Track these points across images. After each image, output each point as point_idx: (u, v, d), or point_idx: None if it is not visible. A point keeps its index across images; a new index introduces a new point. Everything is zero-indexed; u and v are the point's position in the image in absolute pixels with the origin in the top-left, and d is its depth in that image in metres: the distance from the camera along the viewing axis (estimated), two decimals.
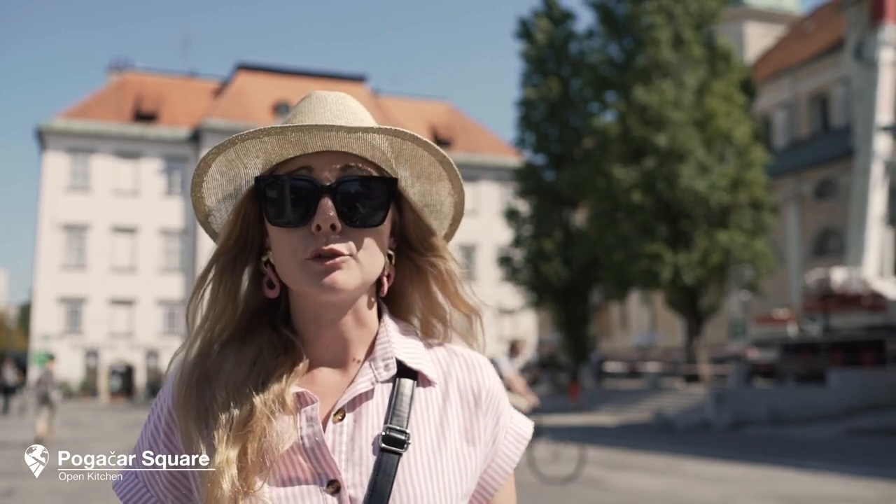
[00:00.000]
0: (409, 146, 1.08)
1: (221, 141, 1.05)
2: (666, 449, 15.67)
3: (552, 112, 36.28)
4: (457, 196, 1.15)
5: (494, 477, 1.11)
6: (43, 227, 45.53)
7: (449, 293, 1.13)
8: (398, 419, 1.03)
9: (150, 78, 52.71)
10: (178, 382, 1.04)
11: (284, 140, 1.03)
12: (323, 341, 1.07)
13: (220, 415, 1.00)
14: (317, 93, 1.11)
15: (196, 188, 1.10)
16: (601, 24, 32.39)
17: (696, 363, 30.75)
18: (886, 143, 28.82)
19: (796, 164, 42.17)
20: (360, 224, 1.03)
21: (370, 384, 1.04)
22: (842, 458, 13.75)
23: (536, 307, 39.19)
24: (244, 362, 1.04)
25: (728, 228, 28.89)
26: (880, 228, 28.60)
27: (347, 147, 1.05)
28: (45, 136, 46.32)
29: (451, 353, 1.14)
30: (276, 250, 1.05)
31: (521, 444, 1.13)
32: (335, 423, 1.01)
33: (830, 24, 45.42)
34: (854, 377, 24.23)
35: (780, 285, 39.32)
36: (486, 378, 1.12)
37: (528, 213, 37.42)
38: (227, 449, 0.96)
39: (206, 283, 1.07)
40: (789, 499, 9.49)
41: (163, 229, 47.46)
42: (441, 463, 1.03)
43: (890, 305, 26.35)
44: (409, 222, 1.12)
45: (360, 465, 0.99)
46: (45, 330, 44.27)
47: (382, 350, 1.08)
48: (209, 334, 1.07)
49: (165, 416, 1.05)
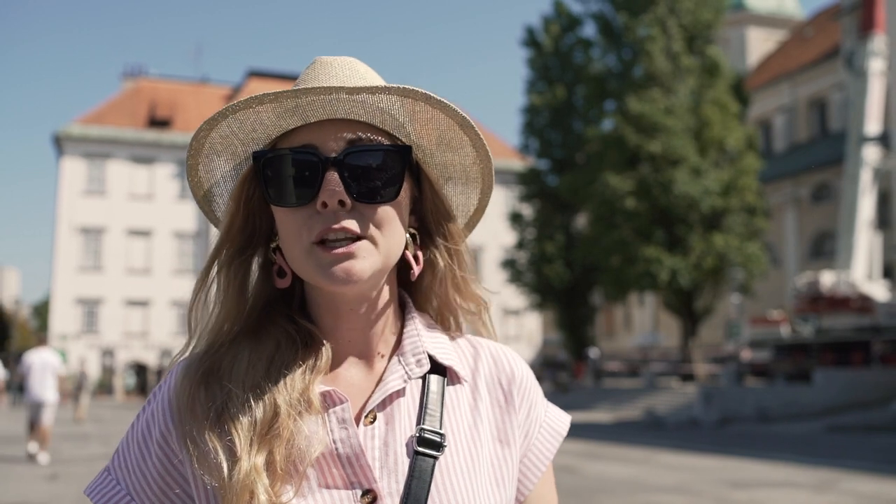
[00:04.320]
0: (423, 108, 0.96)
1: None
2: (648, 443, 16.71)
3: (555, 118, 37.35)
4: (483, 164, 1.03)
5: (527, 475, 1.02)
6: (61, 230, 47.01)
7: (460, 284, 1.04)
8: (431, 419, 0.94)
9: (164, 84, 54.16)
10: (181, 380, 0.94)
11: (281, 109, 0.92)
12: (343, 333, 0.98)
13: (241, 416, 0.89)
14: (322, 58, 1.01)
15: (192, 171, 1.00)
16: (600, 35, 33.54)
17: (692, 363, 31.78)
18: (875, 151, 29.74)
19: (795, 167, 43.04)
20: (372, 199, 0.92)
21: (402, 382, 0.95)
22: (808, 451, 14.77)
23: (539, 308, 40.46)
24: (261, 358, 0.94)
25: (722, 232, 29.87)
26: (869, 233, 29.54)
27: (353, 114, 0.93)
28: (62, 141, 47.81)
29: (475, 345, 1.06)
30: (283, 234, 0.95)
31: (556, 440, 1.05)
32: (367, 426, 0.93)
33: (829, 30, 46.20)
34: (838, 376, 25.20)
35: (777, 287, 40.20)
36: (516, 369, 1.05)
37: (531, 217, 38.58)
38: (254, 455, 0.87)
39: (210, 280, 0.97)
40: (736, 483, 10.60)
41: (176, 232, 48.87)
42: (479, 466, 0.95)
43: (878, 307, 27.31)
44: (428, 201, 1.01)
45: (396, 472, 0.91)
46: (62, 330, 45.68)
47: (412, 344, 0.99)
48: (216, 334, 0.97)
49: (160, 417, 0.95)
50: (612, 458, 13.75)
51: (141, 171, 48.75)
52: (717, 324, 40.02)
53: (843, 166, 32.01)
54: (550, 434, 1.05)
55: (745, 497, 9.59)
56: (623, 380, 38.00)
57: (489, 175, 1.04)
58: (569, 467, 12.01)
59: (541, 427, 1.04)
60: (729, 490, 10.05)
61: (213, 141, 0.97)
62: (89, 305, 47.01)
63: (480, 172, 1.05)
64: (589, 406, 29.87)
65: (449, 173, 1.05)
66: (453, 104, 0.95)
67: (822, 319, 28.63)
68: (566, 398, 32.42)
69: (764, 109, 48.50)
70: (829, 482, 10.66)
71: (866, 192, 29.62)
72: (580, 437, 16.94)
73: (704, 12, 31.18)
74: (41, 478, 10.89)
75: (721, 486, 10.34)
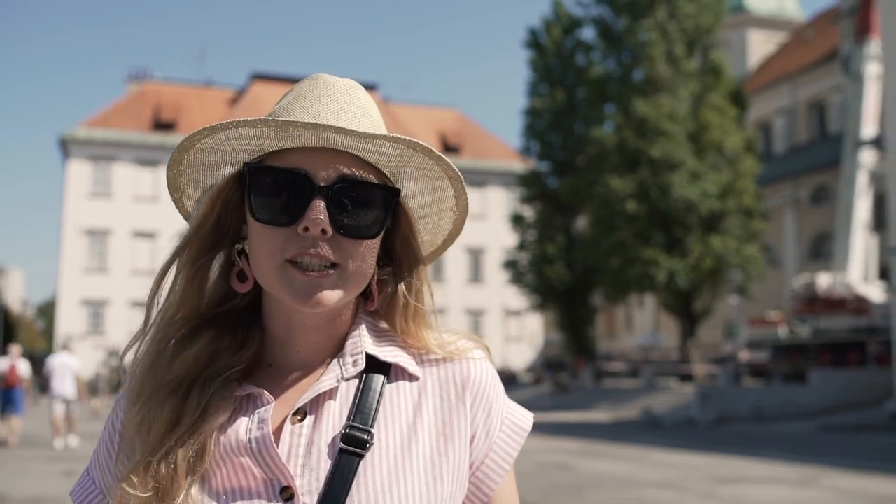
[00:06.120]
0: (420, 157, 0.99)
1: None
2: (644, 442, 17.07)
3: (556, 120, 37.69)
4: (459, 213, 1.06)
5: (489, 474, 1.02)
6: (67, 232, 47.54)
7: (417, 318, 1.03)
8: (362, 417, 0.95)
9: (169, 87, 54.65)
10: (128, 384, 0.99)
11: (283, 131, 0.93)
12: (293, 345, 1.00)
13: (157, 416, 0.93)
14: (325, 77, 1.01)
15: (174, 164, 1.01)
16: (600, 39, 33.91)
17: (691, 363, 32.16)
18: (871, 154, 30.05)
19: (794, 169, 43.34)
20: (354, 234, 0.94)
21: (335, 381, 0.96)
22: (798, 449, 15.16)
23: (541, 309, 40.91)
24: (198, 360, 0.96)
25: (720, 234, 30.21)
26: (865, 234, 29.88)
27: (351, 147, 0.95)
28: (68, 144, 48.32)
29: (439, 346, 1.04)
30: (255, 245, 0.96)
31: (519, 437, 1.04)
32: (293, 425, 0.94)
33: (829, 33, 46.39)
34: (834, 377, 25.57)
35: (776, 288, 40.51)
36: (474, 368, 1.03)
37: (532, 219, 38.99)
38: (152, 453, 0.90)
39: (178, 271, 0.99)
40: (723, 479, 11.03)
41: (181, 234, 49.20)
42: (410, 463, 0.94)
43: (873, 308, 27.65)
44: (399, 238, 1.03)
45: (318, 470, 0.91)
46: (68, 331, 46.18)
47: (352, 345, 1.00)
48: (166, 330, 0.99)
49: (115, 416, 1.01)
50: (607, 456, 14.16)
51: (146, 173, 49.25)
52: (716, 325, 40.35)
53: (840, 169, 32.36)
54: (513, 430, 1.04)
55: (729, 492, 10.00)
56: (623, 380, 38.32)
57: (461, 223, 1.08)
58: (563, 464, 12.43)
59: (502, 424, 1.03)
60: (715, 486, 10.47)
61: (205, 143, 0.98)
62: (95, 306, 47.55)
63: (453, 221, 1.08)
64: (588, 406, 30.20)
65: (424, 212, 1.08)
66: (447, 160, 0.99)
67: (819, 320, 28.98)
68: (566, 398, 32.82)
69: (764, 111, 48.83)
70: (811, 478, 11.09)
71: (862, 194, 29.96)
72: (577, 435, 17.34)
73: (705, 16, 31.47)
74: (57, 474, 11.34)
75: (708, 482, 10.77)
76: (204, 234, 0.99)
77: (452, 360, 1.04)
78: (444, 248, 1.13)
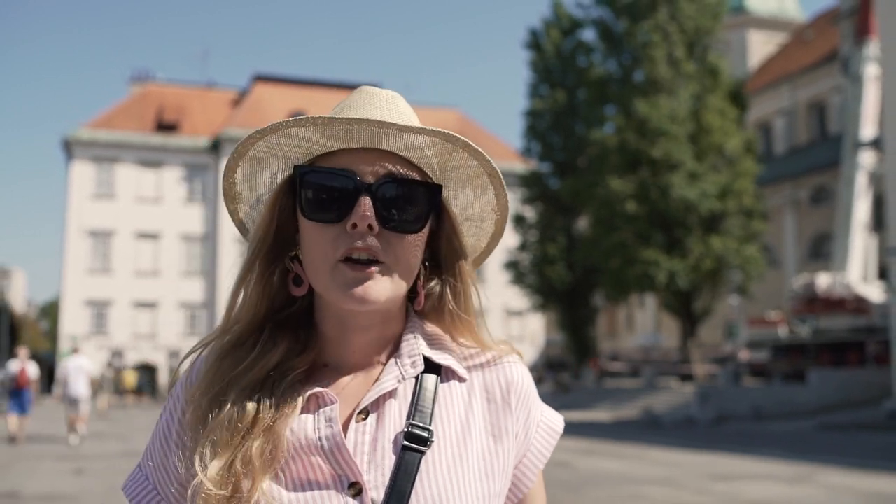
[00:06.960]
0: (459, 154, 1.02)
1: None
2: (644, 441, 17.28)
3: (557, 121, 37.83)
4: (500, 213, 1.11)
5: (526, 473, 1.08)
6: (70, 233, 47.81)
7: (461, 323, 1.09)
8: (421, 416, 0.99)
9: (171, 89, 54.90)
10: (191, 383, 1.03)
11: (330, 132, 0.98)
12: (348, 345, 1.04)
13: (231, 416, 0.96)
14: (368, 88, 1.07)
15: (230, 173, 1.05)
16: (600, 40, 34.09)
17: (691, 363, 32.34)
18: (870, 155, 30.23)
19: (794, 170, 43.49)
20: (399, 229, 0.98)
21: (396, 382, 1.00)
22: (795, 447, 15.36)
23: (542, 309, 41.09)
24: (262, 362, 1.00)
25: (720, 234, 30.39)
26: (864, 235, 30.06)
27: (394, 147, 0.99)
28: (71, 146, 48.56)
29: (480, 349, 1.10)
30: (307, 247, 1.00)
31: (552, 439, 1.11)
32: (358, 423, 0.98)
33: (829, 34, 46.48)
34: (832, 376, 25.77)
35: (776, 288, 40.66)
36: (516, 373, 1.09)
37: (533, 220, 39.18)
38: (230, 451, 0.94)
39: (245, 280, 1.03)
40: (719, 476, 11.25)
41: (184, 235, 49.63)
42: (466, 460, 0.99)
43: (873, 308, 27.83)
44: (444, 238, 1.07)
45: (383, 466, 0.96)
46: (72, 331, 46.41)
47: (409, 347, 1.04)
48: (231, 334, 1.03)
49: (178, 414, 1.03)
50: (606, 455, 14.37)
51: (149, 174, 49.50)
52: (717, 325, 40.51)
53: (840, 169, 32.53)
54: (548, 433, 1.10)
55: (724, 488, 10.21)
56: (624, 380, 38.47)
57: (503, 223, 1.11)
58: (563, 462, 12.63)
59: (538, 426, 1.09)
60: (710, 482, 10.69)
61: (258, 149, 1.02)
62: (98, 307, 47.80)
63: (495, 222, 1.12)
64: (589, 406, 30.35)
65: (467, 214, 1.11)
66: (486, 155, 1.02)
67: (818, 320, 29.16)
68: (567, 398, 32.96)
69: (764, 112, 48.97)
70: (805, 475, 11.31)
71: (862, 195, 30.15)
72: (578, 435, 17.53)
73: (705, 18, 31.63)
74: (68, 472, 11.57)
75: (704, 479, 10.98)
76: (271, 241, 1.03)
77: (495, 363, 1.09)
78: (489, 251, 1.17)
